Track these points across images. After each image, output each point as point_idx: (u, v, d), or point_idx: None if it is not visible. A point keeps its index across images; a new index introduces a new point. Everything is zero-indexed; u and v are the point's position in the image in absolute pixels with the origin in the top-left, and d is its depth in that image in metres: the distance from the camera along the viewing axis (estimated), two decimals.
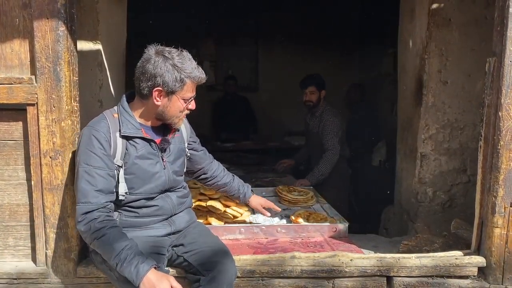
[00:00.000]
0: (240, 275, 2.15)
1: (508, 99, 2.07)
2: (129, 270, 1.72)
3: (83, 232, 1.84)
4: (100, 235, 1.79)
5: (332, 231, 2.58)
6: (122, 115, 1.97)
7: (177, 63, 1.89)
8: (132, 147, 1.96)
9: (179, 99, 1.93)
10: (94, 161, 1.87)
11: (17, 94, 2.04)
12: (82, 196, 1.84)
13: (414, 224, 3.02)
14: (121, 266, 1.73)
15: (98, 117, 1.99)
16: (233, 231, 2.54)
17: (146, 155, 1.98)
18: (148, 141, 2.00)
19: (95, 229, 1.80)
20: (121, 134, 1.93)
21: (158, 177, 2.01)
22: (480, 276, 2.24)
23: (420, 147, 2.98)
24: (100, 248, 1.82)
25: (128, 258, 1.73)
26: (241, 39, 6.67)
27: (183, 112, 1.99)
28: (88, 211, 1.82)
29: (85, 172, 1.86)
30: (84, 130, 1.94)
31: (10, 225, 2.19)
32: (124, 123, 1.95)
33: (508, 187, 2.14)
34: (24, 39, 2.04)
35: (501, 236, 2.18)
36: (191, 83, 1.93)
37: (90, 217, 1.81)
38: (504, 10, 2.04)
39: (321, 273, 2.17)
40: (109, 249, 1.77)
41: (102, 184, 1.86)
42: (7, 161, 2.14)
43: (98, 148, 1.88)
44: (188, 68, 1.90)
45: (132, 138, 1.96)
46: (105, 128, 1.92)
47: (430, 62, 2.86)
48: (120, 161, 1.93)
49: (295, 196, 3.11)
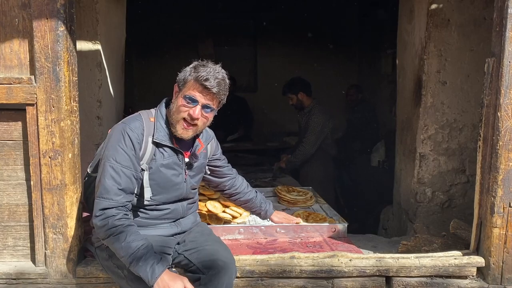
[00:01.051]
0: (240, 275, 2.15)
1: (507, 99, 2.08)
2: (144, 269, 1.74)
3: (99, 227, 1.84)
4: (118, 232, 1.80)
5: (331, 231, 2.58)
6: (158, 121, 1.97)
7: (197, 66, 1.92)
8: (160, 154, 1.96)
9: (181, 96, 1.93)
10: (123, 159, 1.86)
11: (16, 94, 2.03)
12: (105, 191, 1.84)
13: (413, 224, 3.03)
14: (136, 265, 1.75)
15: (134, 116, 1.99)
16: (232, 231, 2.54)
17: (171, 164, 1.99)
18: (176, 152, 2.00)
19: (112, 226, 1.80)
20: (153, 139, 1.93)
21: (177, 189, 2.02)
22: (479, 276, 2.24)
23: (419, 148, 2.99)
24: (115, 244, 1.81)
25: (144, 257, 1.76)
26: (239, 40, 6.67)
27: (182, 115, 1.92)
28: (108, 208, 1.82)
29: (112, 168, 1.85)
30: (118, 126, 1.94)
31: (9, 225, 2.18)
32: (159, 129, 1.95)
33: (507, 187, 2.14)
34: (23, 39, 2.04)
35: (500, 236, 2.18)
36: (193, 81, 1.91)
37: (108, 213, 1.82)
38: (503, 10, 2.05)
39: (321, 273, 2.18)
40: (126, 246, 1.78)
41: (126, 183, 1.86)
42: (6, 161, 2.14)
43: (129, 147, 1.88)
44: (199, 70, 1.91)
45: (162, 145, 1.96)
46: (140, 130, 1.92)
47: (429, 63, 2.86)
48: (145, 165, 1.93)
49: (294, 197, 3.11)
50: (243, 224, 2.62)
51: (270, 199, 3.22)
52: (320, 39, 6.16)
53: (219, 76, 1.93)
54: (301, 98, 4.19)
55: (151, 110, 2.05)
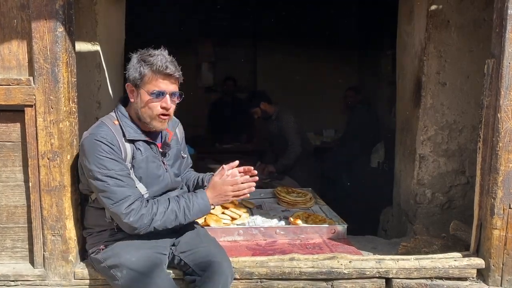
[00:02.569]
0: (239, 277, 2.14)
1: (507, 100, 2.08)
2: (197, 209, 1.92)
3: (134, 222, 1.83)
4: (155, 209, 1.86)
5: (331, 232, 2.57)
6: (122, 120, 1.97)
7: (144, 58, 1.88)
8: (138, 151, 1.96)
9: (144, 93, 1.91)
10: (112, 164, 1.85)
11: (15, 96, 2.03)
12: (118, 195, 1.83)
13: (412, 225, 3.02)
14: (190, 214, 1.91)
15: (98, 125, 1.96)
16: (231, 232, 2.54)
17: (150, 158, 1.99)
18: (149, 144, 2.00)
19: (147, 211, 1.84)
20: (126, 138, 1.93)
21: (162, 180, 2.03)
22: (479, 278, 2.24)
23: (418, 149, 2.98)
24: (161, 221, 1.87)
25: (186, 204, 1.91)
26: (239, 40, 6.66)
27: (156, 111, 1.92)
28: (131, 203, 1.83)
29: (108, 176, 1.83)
30: (87, 139, 1.89)
31: (7, 227, 2.17)
32: (126, 127, 1.95)
33: (507, 188, 2.14)
34: (22, 40, 2.03)
35: (500, 237, 2.18)
36: (152, 73, 1.89)
37: (136, 207, 1.83)
38: (503, 11, 2.04)
39: (320, 275, 2.17)
40: (170, 214, 1.87)
41: (129, 182, 1.88)
42: (4, 163, 2.13)
43: (110, 152, 1.86)
44: (151, 61, 1.88)
45: (136, 141, 1.96)
46: (110, 134, 1.90)
47: (428, 64, 2.86)
48: (129, 164, 1.93)
49: (293, 198, 3.10)
50: (242, 226, 2.61)
51: (269, 200, 3.23)
52: (320, 40, 6.15)
53: (170, 58, 1.93)
54: (264, 108, 4.36)
55: (110, 114, 2.03)
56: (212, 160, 4.72)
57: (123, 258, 1.88)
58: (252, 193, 2.79)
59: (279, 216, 2.83)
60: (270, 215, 2.85)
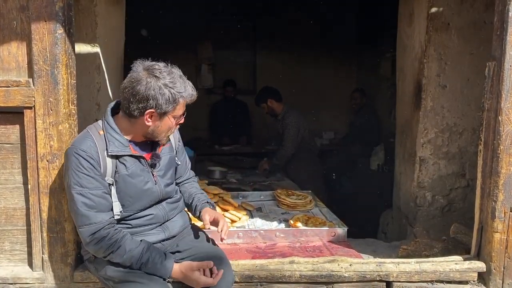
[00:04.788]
0: (239, 280, 2.13)
1: (508, 103, 2.07)
2: (156, 269, 1.82)
3: (95, 251, 1.83)
4: (116, 248, 1.79)
5: (331, 235, 2.57)
6: (108, 132, 1.86)
7: (168, 83, 1.79)
8: (122, 165, 1.87)
9: (170, 118, 1.85)
10: (87, 182, 1.78)
11: (14, 97, 2.02)
12: (85, 219, 1.78)
13: (413, 228, 3.02)
14: (146, 268, 1.82)
15: (82, 135, 1.88)
16: (231, 235, 2.52)
17: (136, 172, 1.89)
18: (137, 158, 1.90)
19: (107, 246, 1.78)
20: (108, 153, 1.83)
21: (149, 194, 1.94)
22: (480, 282, 2.23)
23: (419, 151, 2.98)
24: (117, 259, 1.81)
25: (150, 259, 1.82)
26: (239, 42, 6.66)
27: (172, 129, 1.91)
28: (95, 232, 1.78)
29: (80, 194, 1.78)
30: (69, 151, 1.83)
31: (6, 229, 2.16)
32: (111, 141, 1.84)
33: (508, 191, 2.13)
34: (21, 41, 2.02)
35: (501, 241, 2.17)
36: (183, 102, 1.85)
37: (98, 237, 1.78)
38: (504, 14, 2.04)
39: (320, 278, 2.16)
40: (129, 257, 1.80)
41: (100, 204, 1.80)
42: (3, 165, 2.12)
43: (87, 167, 1.78)
44: (180, 88, 1.81)
45: (120, 156, 1.87)
46: (92, 149, 1.81)
47: (429, 66, 2.86)
48: (111, 179, 1.85)
49: (293, 200, 3.10)
50: (242, 228, 2.60)
51: (269, 202, 3.22)
52: (320, 42, 6.16)
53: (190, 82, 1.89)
54: (271, 105, 4.43)
55: (98, 122, 1.93)
56: (211, 162, 4.72)
57: (112, 271, 1.86)
58: (252, 195, 2.78)
59: (279, 219, 2.82)
60: (270, 218, 2.84)
